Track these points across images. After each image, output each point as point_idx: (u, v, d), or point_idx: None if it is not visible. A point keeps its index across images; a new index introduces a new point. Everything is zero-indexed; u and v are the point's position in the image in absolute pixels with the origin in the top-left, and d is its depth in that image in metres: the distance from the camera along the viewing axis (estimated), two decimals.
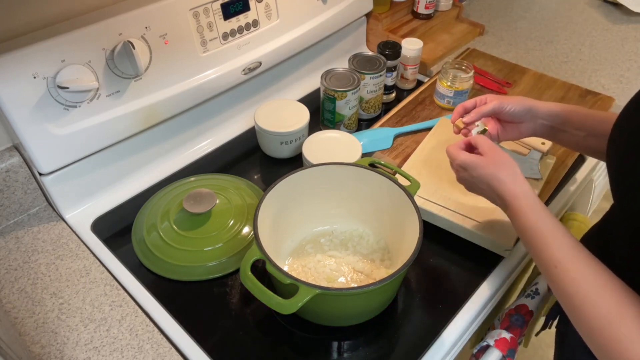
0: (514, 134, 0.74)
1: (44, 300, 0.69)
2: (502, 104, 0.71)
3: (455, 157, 0.67)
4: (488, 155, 0.64)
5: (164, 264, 0.74)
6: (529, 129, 0.73)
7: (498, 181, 0.61)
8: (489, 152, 0.64)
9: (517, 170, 0.62)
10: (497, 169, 0.62)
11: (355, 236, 0.76)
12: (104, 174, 0.84)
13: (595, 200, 1.18)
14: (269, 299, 0.56)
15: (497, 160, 0.63)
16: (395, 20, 1.22)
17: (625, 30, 1.26)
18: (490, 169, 0.62)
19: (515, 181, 0.61)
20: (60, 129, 0.73)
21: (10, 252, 0.76)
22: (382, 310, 0.68)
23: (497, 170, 0.62)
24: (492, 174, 0.62)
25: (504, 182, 0.61)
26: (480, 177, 0.63)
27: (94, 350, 0.64)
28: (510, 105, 0.71)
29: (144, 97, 0.80)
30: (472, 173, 0.64)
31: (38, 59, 0.67)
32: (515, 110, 0.71)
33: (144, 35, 0.75)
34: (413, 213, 0.64)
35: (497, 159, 0.63)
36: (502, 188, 0.61)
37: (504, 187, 0.61)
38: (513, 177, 0.61)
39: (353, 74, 0.93)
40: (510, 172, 0.61)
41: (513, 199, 0.60)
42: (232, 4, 0.85)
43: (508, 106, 0.71)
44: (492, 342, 0.71)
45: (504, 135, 0.75)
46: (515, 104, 0.71)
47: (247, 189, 0.85)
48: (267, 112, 0.91)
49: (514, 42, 1.23)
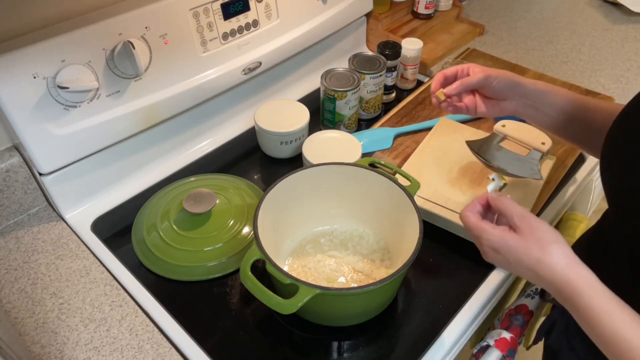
0: (494, 110, 0.69)
1: (44, 300, 0.69)
2: (489, 78, 0.65)
3: (479, 232, 0.55)
4: (525, 233, 0.52)
5: (164, 264, 0.74)
6: (510, 107, 0.68)
7: (546, 268, 0.50)
8: (525, 227, 0.52)
9: (566, 248, 0.50)
10: (543, 251, 0.50)
11: (355, 236, 0.76)
12: (104, 174, 0.84)
13: (595, 200, 1.18)
14: (269, 299, 0.56)
15: (540, 240, 0.51)
16: (395, 20, 1.22)
17: (625, 30, 1.26)
18: (533, 253, 0.50)
19: (568, 265, 0.49)
20: (60, 129, 0.73)
21: (10, 252, 0.76)
22: (382, 310, 0.68)
23: (543, 254, 0.50)
24: (538, 259, 0.50)
25: (554, 269, 0.49)
26: (520, 262, 0.52)
27: (94, 350, 0.64)
28: (496, 80, 0.65)
29: (144, 97, 0.80)
30: (507, 257, 0.53)
31: (38, 59, 0.67)
32: (501, 86, 0.66)
33: (144, 35, 0.75)
34: (413, 213, 0.64)
35: (538, 238, 0.51)
36: (553, 277, 0.50)
37: (556, 276, 0.49)
38: (564, 259, 0.50)
39: (353, 74, 0.93)
40: (559, 253, 0.50)
41: (571, 291, 0.48)
42: (232, 4, 0.85)
43: (495, 81, 0.65)
44: (492, 342, 0.71)
45: (482, 110, 0.69)
46: (501, 79, 0.65)
47: (247, 189, 0.85)
48: (267, 112, 0.91)
49: (514, 42, 1.23)
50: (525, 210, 0.54)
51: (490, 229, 0.54)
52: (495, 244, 0.53)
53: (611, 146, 0.53)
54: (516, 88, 0.66)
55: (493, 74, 0.66)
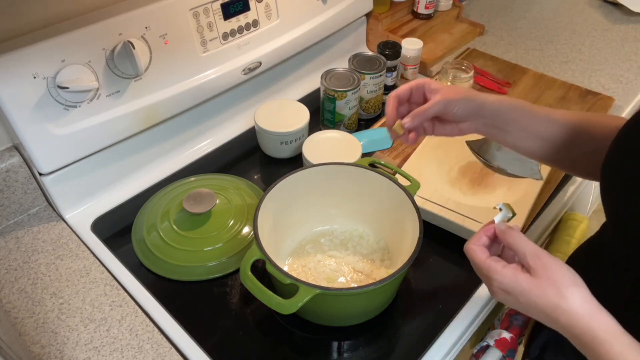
0: (454, 132, 0.65)
1: (44, 300, 0.69)
2: (448, 106, 0.60)
3: (488, 272, 0.51)
4: (540, 275, 0.48)
5: (164, 264, 0.74)
6: (470, 128, 0.64)
7: (564, 314, 0.46)
8: (540, 268, 0.48)
9: (584, 292, 0.47)
10: (560, 296, 0.46)
11: (355, 236, 0.76)
12: (104, 174, 0.84)
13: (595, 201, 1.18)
14: (269, 299, 0.56)
15: (556, 283, 0.47)
16: (395, 20, 1.22)
17: (625, 30, 1.26)
18: (550, 298, 0.47)
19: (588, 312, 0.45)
20: (60, 129, 0.73)
21: (10, 252, 0.76)
22: (382, 310, 0.68)
23: (560, 299, 0.46)
24: (555, 304, 0.46)
25: (573, 316, 0.46)
26: (535, 306, 0.48)
27: (94, 350, 0.64)
28: (457, 106, 0.60)
29: (144, 97, 0.80)
30: (520, 299, 0.49)
31: (38, 59, 0.67)
32: (462, 111, 0.61)
33: (144, 35, 0.75)
34: (413, 213, 0.64)
35: (555, 281, 0.47)
36: (572, 324, 0.46)
37: (575, 323, 0.46)
38: (583, 305, 0.46)
39: (353, 74, 0.93)
40: (578, 298, 0.46)
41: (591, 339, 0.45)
42: (232, 4, 0.85)
43: (455, 107, 0.60)
44: (492, 342, 0.71)
45: (440, 131, 0.65)
46: (462, 105, 0.60)
47: (247, 189, 0.85)
48: (267, 112, 0.91)
49: (514, 42, 1.23)
50: (538, 247, 0.50)
51: (501, 269, 0.50)
52: (507, 286, 0.49)
53: (612, 166, 0.51)
54: (478, 111, 0.62)
55: (454, 99, 0.60)
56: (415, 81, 0.63)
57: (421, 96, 0.64)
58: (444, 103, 0.60)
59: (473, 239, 0.54)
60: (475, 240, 0.54)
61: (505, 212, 0.55)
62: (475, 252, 0.52)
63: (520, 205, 0.77)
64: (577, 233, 0.87)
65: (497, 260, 0.51)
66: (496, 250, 0.55)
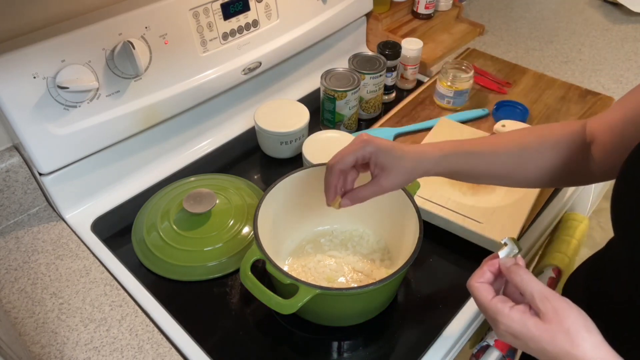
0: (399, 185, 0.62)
1: (44, 300, 0.69)
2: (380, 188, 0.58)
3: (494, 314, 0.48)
4: (550, 319, 0.45)
5: (164, 264, 0.74)
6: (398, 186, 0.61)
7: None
8: (550, 312, 0.45)
9: (597, 337, 0.44)
10: (572, 343, 0.44)
11: (355, 236, 0.76)
12: (104, 174, 0.84)
13: (595, 201, 1.19)
14: (269, 299, 0.56)
15: (568, 328, 0.44)
16: (395, 20, 1.22)
17: (625, 30, 1.26)
18: (560, 344, 0.44)
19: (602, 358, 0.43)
20: (60, 129, 0.73)
21: (10, 252, 0.76)
22: (382, 310, 0.68)
23: (572, 347, 0.44)
24: (566, 351, 0.44)
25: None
26: (544, 352, 0.45)
27: (94, 350, 0.64)
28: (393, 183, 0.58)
29: (144, 97, 0.80)
30: (529, 344, 0.46)
31: (38, 59, 0.67)
32: (400, 185, 0.60)
33: (144, 35, 0.75)
34: (413, 213, 0.64)
35: (566, 326, 0.44)
36: None
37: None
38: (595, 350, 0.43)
39: (353, 74, 0.93)
40: (591, 345, 0.43)
41: None
42: (232, 4, 0.85)
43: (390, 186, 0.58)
44: (492, 342, 0.71)
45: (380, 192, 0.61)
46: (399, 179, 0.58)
47: (247, 189, 0.85)
48: (267, 112, 0.91)
49: (514, 42, 1.23)
50: (546, 287, 0.47)
51: (509, 312, 0.47)
52: (515, 330, 0.46)
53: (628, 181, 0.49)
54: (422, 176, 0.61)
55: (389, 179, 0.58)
56: (352, 154, 0.58)
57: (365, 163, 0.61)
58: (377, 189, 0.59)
59: (476, 275, 0.52)
60: (479, 277, 0.51)
61: (511, 246, 0.52)
62: (480, 292, 0.50)
63: (520, 206, 0.77)
64: (577, 233, 0.87)
65: (504, 301, 0.48)
66: (499, 285, 0.53)
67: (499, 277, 0.52)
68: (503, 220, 0.75)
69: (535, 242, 0.82)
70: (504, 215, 0.76)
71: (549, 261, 0.84)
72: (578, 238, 0.87)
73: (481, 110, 0.99)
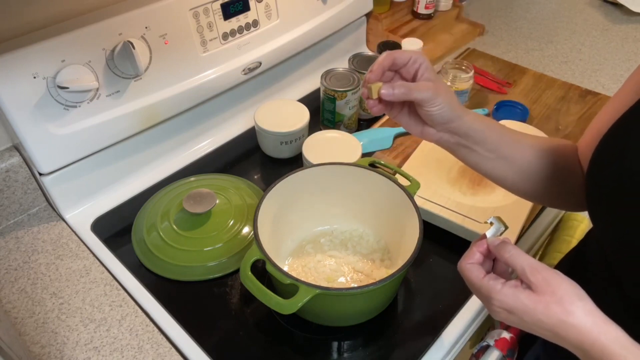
0: (414, 129, 0.59)
1: (44, 300, 0.69)
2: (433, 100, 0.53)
3: (488, 292, 0.48)
4: (542, 290, 0.46)
5: (164, 264, 0.74)
6: (433, 137, 0.58)
7: (570, 328, 0.44)
8: (541, 283, 0.46)
9: (589, 304, 0.45)
10: (565, 311, 0.44)
11: (355, 236, 0.76)
12: (104, 174, 0.84)
13: None
14: (269, 299, 0.56)
15: (560, 297, 0.45)
16: (395, 20, 1.22)
17: (625, 30, 1.26)
18: (554, 313, 0.45)
19: (595, 324, 0.44)
20: (60, 129, 0.73)
21: (10, 252, 0.76)
22: (382, 310, 0.68)
23: (566, 315, 0.44)
24: (560, 320, 0.44)
25: (579, 330, 0.44)
26: (539, 323, 0.46)
27: (94, 350, 0.64)
28: (438, 107, 0.54)
29: (144, 97, 0.80)
30: (524, 318, 0.47)
31: (38, 59, 0.67)
32: (438, 116, 0.55)
33: (144, 35, 0.75)
34: (413, 213, 0.64)
35: (558, 295, 0.45)
36: (579, 338, 0.44)
37: (582, 338, 0.44)
38: (589, 317, 0.44)
39: (353, 74, 0.93)
40: (583, 312, 0.44)
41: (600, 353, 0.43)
42: (232, 4, 0.85)
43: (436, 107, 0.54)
44: (492, 342, 0.71)
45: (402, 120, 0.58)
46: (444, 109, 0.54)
47: (247, 189, 0.85)
48: (267, 112, 0.91)
49: (514, 42, 1.23)
50: (536, 261, 0.47)
51: (501, 288, 0.47)
52: (508, 305, 0.47)
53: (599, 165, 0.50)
54: (451, 123, 0.56)
55: (441, 97, 0.54)
56: (417, 55, 0.55)
57: (412, 73, 0.57)
58: (432, 95, 0.53)
59: (466, 257, 0.52)
60: (469, 258, 0.51)
61: (498, 225, 0.52)
62: (471, 272, 0.50)
63: (520, 206, 0.77)
64: (577, 233, 0.87)
65: (496, 279, 0.49)
66: (488, 267, 0.53)
67: (487, 259, 0.52)
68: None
69: (535, 242, 0.82)
70: (504, 215, 0.75)
71: (549, 261, 0.84)
72: (578, 238, 0.87)
73: (481, 110, 1.00)
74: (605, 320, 0.44)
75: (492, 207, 0.77)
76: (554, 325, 0.45)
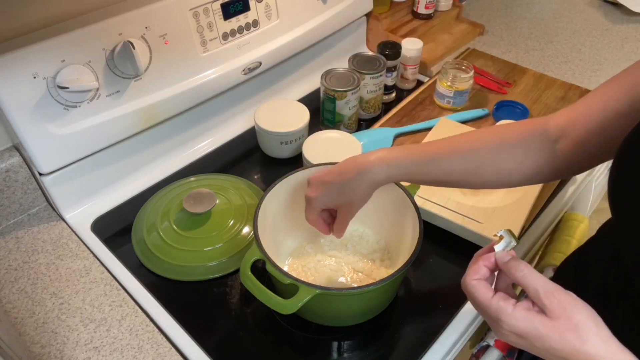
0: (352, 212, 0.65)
1: (44, 300, 0.69)
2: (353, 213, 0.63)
3: (497, 314, 0.45)
4: (556, 315, 0.43)
5: (164, 264, 0.74)
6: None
7: (585, 358, 0.42)
8: (556, 307, 0.43)
9: (605, 332, 0.42)
10: (581, 339, 0.42)
11: (355, 236, 0.76)
12: (104, 174, 0.84)
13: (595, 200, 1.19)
14: (269, 299, 0.56)
15: (575, 324, 0.42)
16: (395, 20, 1.22)
17: (625, 30, 1.26)
18: (569, 341, 0.42)
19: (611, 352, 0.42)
20: (60, 129, 0.73)
21: (10, 252, 0.76)
22: (382, 310, 0.68)
23: (581, 343, 0.42)
24: (575, 348, 0.42)
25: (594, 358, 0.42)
26: (552, 350, 0.43)
27: (94, 350, 0.64)
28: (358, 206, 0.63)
29: (144, 97, 0.80)
30: (535, 344, 0.44)
31: (38, 59, 0.67)
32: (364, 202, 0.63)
33: (144, 35, 0.75)
34: (413, 213, 0.64)
35: (573, 322, 0.42)
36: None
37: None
38: (605, 346, 0.42)
39: (353, 74, 0.93)
40: (599, 339, 0.42)
41: None
42: (232, 4, 0.85)
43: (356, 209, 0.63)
44: (492, 342, 0.71)
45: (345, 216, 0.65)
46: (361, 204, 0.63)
47: (247, 189, 0.85)
48: (267, 112, 0.91)
49: (514, 42, 1.23)
50: (550, 282, 0.45)
51: (512, 310, 0.44)
52: (519, 330, 0.44)
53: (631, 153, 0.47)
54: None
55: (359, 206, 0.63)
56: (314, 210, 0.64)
57: None
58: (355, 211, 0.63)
59: (470, 272, 0.49)
60: (474, 273, 0.48)
61: (508, 239, 0.48)
62: (478, 290, 0.47)
63: (520, 206, 0.77)
64: (577, 233, 0.87)
65: (506, 299, 0.45)
66: (491, 281, 0.50)
67: (491, 273, 0.50)
68: (503, 220, 0.75)
69: (535, 242, 0.82)
70: (504, 215, 0.76)
71: (549, 261, 0.84)
72: (578, 238, 0.87)
73: (481, 110, 1.00)
74: (622, 349, 0.42)
75: (492, 207, 0.77)
76: (567, 354, 0.42)
